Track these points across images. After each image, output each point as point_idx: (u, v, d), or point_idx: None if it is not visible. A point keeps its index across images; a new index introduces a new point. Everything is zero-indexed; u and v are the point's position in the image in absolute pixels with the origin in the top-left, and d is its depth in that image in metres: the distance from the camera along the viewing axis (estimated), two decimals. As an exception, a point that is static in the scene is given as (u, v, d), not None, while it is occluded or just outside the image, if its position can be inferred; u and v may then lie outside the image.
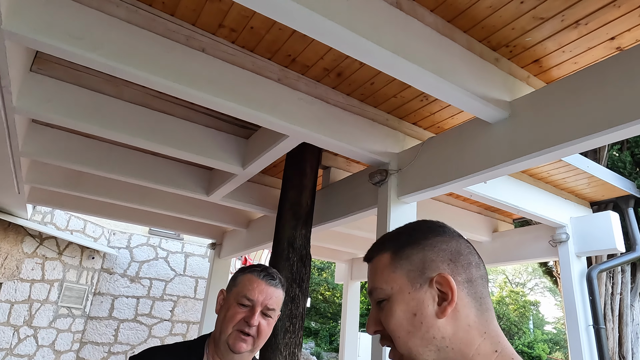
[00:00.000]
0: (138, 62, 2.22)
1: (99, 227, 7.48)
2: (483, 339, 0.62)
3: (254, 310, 1.21)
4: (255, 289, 1.23)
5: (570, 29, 2.18)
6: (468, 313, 0.63)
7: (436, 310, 0.63)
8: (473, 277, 0.66)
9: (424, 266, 0.66)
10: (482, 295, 0.65)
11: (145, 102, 3.19)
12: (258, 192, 4.50)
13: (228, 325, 1.20)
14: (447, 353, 0.62)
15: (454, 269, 0.65)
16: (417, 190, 2.83)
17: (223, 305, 1.28)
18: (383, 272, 0.70)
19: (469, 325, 0.62)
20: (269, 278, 1.28)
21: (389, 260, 0.70)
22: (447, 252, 0.67)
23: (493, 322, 0.64)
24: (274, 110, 2.63)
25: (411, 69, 2.02)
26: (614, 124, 1.94)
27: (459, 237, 0.71)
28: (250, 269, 1.31)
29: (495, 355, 0.61)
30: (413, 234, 0.71)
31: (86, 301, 7.13)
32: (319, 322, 20.52)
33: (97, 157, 3.74)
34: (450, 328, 0.62)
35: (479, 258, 0.69)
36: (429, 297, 0.64)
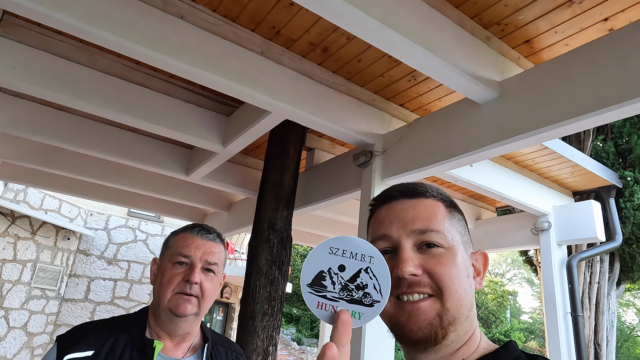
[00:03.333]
0: (110, 25, 2.07)
1: (76, 207, 7.27)
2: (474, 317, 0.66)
3: (193, 267, 1.10)
4: (190, 245, 1.13)
5: (564, 7, 2.11)
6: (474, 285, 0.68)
7: (476, 280, 0.67)
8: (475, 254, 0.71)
9: (468, 237, 0.69)
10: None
11: (122, 74, 3.03)
12: (239, 173, 4.39)
13: (167, 290, 1.08)
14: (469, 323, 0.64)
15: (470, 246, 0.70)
16: (402, 172, 2.76)
17: (158, 272, 1.15)
18: (442, 219, 0.66)
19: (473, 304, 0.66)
20: (204, 232, 1.17)
21: (444, 210, 0.68)
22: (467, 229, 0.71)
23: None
24: (257, 84, 2.52)
25: (400, 42, 1.93)
26: (602, 106, 1.89)
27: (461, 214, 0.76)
28: (182, 229, 1.20)
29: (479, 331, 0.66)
30: (452, 200, 0.72)
31: (61, 283, 6.95)
32: (300, 309, 20.61)
33: (70, 131, 3.57)
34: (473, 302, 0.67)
35: None
36: (470, 266, 0.67)
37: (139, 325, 1.10)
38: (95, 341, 1.02)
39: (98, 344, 1.01)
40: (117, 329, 1.07)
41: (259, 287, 2.95)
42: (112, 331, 1.06)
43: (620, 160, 4.34)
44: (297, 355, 16.26)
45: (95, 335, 1.04)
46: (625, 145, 4.32)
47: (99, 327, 1.08)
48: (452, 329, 0.60)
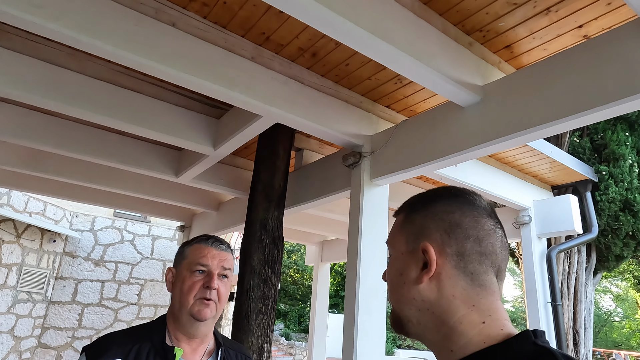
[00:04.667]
0: (103, 34, 2.10)
1: (60, 209, 7.19)
2: (470, 311, 0.64)
3: (211, 275, 1.21)
4: (207, 255, 1.23)
5: (542, 15, 2.23)
6: (453, 285, 0.65)
7: (417, 276, 0.67)
8: (466, 251, 0.66)
9: (420, 232, 0.70)
10: (474, 271, 0.66)
11: (111, 79, 3.04)
12: (229, 174, 4.43)
13: (188, 296, 1.18)
14: (427, 315, 0.66)
15: (445, 240, 0.67)
16: (390, 172, 2.86)
17: (176, 280, 1.24)
18: (394, 230, 0.76)
19: (454, 296, 0.65)
20: (217, 244, 1.27)
21: (401, 221, 0.75)
22: (446, 222, 0.69)
23: (487, 299, 0.65)
24: (248, 89, 2.57)
25: (388, 51, 2.01)
26: (579, 110, 2.01)
27: (469, 209, 0.70)
28: (196, 240, 1.30)
29: (482, 326, 0.63)
30: (426, 200, 0.74)
31: (47, 285, 6.88)
32: (288, 304, 20.72)
33: (59, 135, 3.56)
34: (432, 294, 0.66)
35: (486, 234, 0.68)
36: (414, 262, 0.69)
37: (159, 332, 1.18)
38: (121, 350, 1.09)
39: (124, 352, 1.09)
40: (139, 337, 1.15)
41: (252, 287, 3.02)
42: (136, 339, 1.14)
43: (596, 155, 4.53)
44: (286, 350, 16.37)
45: (120, 343, 1.11)
46: (601, 140, 4.51)
47: (123, 336, 1.15)
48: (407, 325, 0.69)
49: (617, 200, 4.27)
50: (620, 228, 4.31)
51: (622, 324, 19.29)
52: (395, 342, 16.76)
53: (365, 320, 2.72)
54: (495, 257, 0.68)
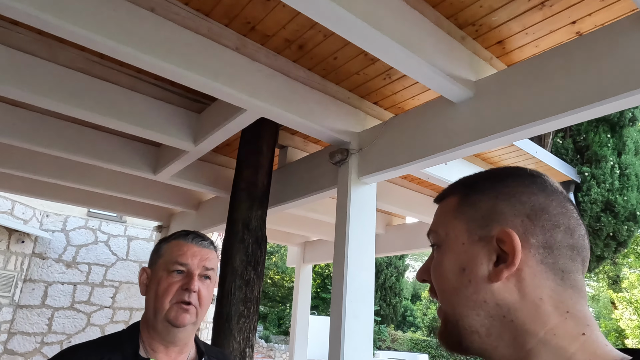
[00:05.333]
0: (75, 16, 1.95)
1: (30, 208, 6.86)
2: (564, 319, 0.50)
3: (191, 275, 1.05)
4: (186, 253, 1.08)
5: (536, 10, 2.18)
6: (540, 284, 0.51)
7: (490, 271, 0.52)
8: (556, 243, 0.51)
9: (491, 217, 0.54)
10: (565, 268, 0.51)
11: (85, 68, 2.86)
12: (210, 172, 4.27)
13: (164, 300, 1.03)
14: (503, 324, 0.51)
15: (528, 228, 0.52)
16: (378, 170, 2.78)
17: (151, 282, 1.09)
18: (445, 215, 0.59)
19: (541, 298, 0.50)
20: (199, 240, 1.12)
21: (455, 204, 0.59)
22: (528, 205, 0.53)
23: (581, 303, 0.51)
24: (231, 81, 2.45)
25: (380, 40, 1.93)
26: (572, 107, 1.97)
27: (553, 192, 0.55)
28: (174, 236, 1.14)
29: (583, 339, 0.48)
30: (491, 178, 0.58)
31: (15, 288, 6.54)
32: (267, 306, 20.50)
33: (27, 128, 3.35)
34: (511, 297, 0.51)
35: (577, 224, 0.54)
36: (485, 254, 0.53)
37: (132, 342, 1.03)
38: None
39: None
40: (108, 348, 1.01)
41: (234, 289, 2.89)
42: (104, 351, 0.99)
43: (579, 156, 4.56)
44: (265, 353, 16.17)
45: (86, 357, 0.97)
46: (583, 142, 4.55)
47: (89, 348, 1.00)
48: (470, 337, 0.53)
49: (599, 201, 4.30)
50: (601, 229, 4.35)
51: (595, 324, 19.77)
52: (375, 344, 16.77)
53: (352, 323, 2.62)
54: (586, 254, 0.54)
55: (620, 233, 4.32)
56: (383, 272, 17.31)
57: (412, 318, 21.50)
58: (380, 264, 17.21)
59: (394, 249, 5.65)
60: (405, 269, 19.26)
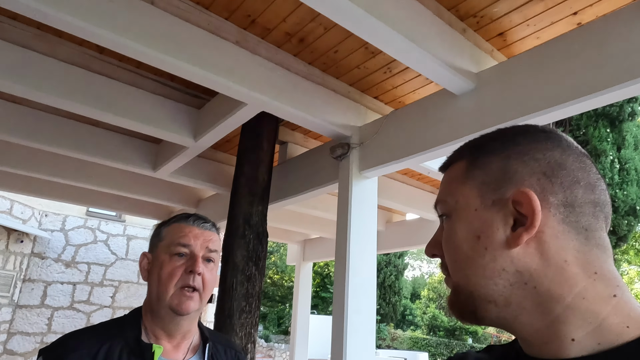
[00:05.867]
0: (74, 8, 1.93)
1: (29, 207, 6.83)
2: (592, 281, 0.46)
3: (195, 257, 1.02)
4: (188, 234, 1.04)
5: (537, 1, 2.17)
6: (563, 245, 0.47)
7: (508, 237, 0.48)
8: (577, 200, 0.48)
9: (504, 178, 0.50)
10: (589, 226, 0.48)
11: (84, 63, 2.85)
12: (210, 169, 4.26)
13: (168, 285, 0.99)
14: (525, 292, 0.47)
15: (546, 186, 0.48)
16: (380, 164, 2.77)
17: (153, 266, 1.05)
18: (452, 182, 0.56)
19: (566, 261, 0.46)
20: (200, 221, 1.08)
21: (463, 169, 0.55)
22: (543, 162, 0.49)
23: (608, 262, 0.47)
24: (232, 74, 2.43)
25: (383, 31, 1.92)
26: (573, 97, 1.96)
27: (569, 147, 0.52)
28: (174, 219, 1.10)
29: (615, 301, 0.46)
30: (500, 138, 0.54)
31: (14, 288, 6.52)
32: (267, 306, 20.49)
33: (25, 125, 3.33)
34: (532, 262, 0.47)
35: (597, 179, 0.50)
36: (501, 218, 0.49)
37: (134, 328, 1.00)
38: (87, 351, 0.91)
39: (91, 354, 0.91)
40: (109, 335, 0.97)
41: (235, 284, 2.87)
42: (105, 337, 0.96)
43: (578, 151, 4.57)
44: (265, 352, 16.16)
45: (85, 345, 0.93)
46: (583, 136, 4.55)
47: (89, 335, 0.97)
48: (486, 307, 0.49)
49: (599, 195, 4.31)
50: (602, 223, 4.35)
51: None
52: (375, 343, 16.80)
53: (354, 319, 2.61)
54: (608, 210, 0.51)
55: (620, 227, 4.33)
56: (382, 271, 17.32)
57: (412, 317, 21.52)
58: (380, 263, 17.22)
59: (394, 245, 5.64)
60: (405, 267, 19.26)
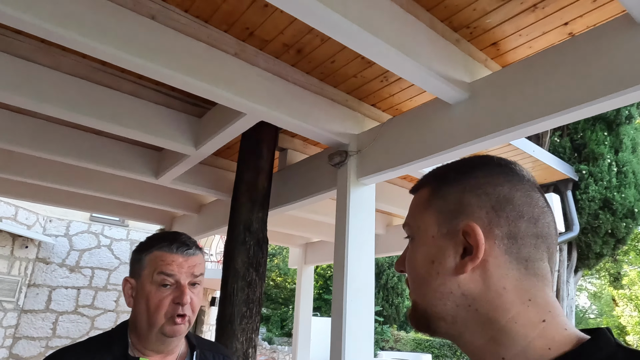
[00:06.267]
0: (78, 26, 1.99)
1: (33, 213, 6.91)
2: (526, 307, 0.52)
3: (181, 287, 1.03)
4: (172, 264, 1.04)
5: (528, 12, 2.22)
6: (504, 274, 0.53)
7: (457, 264, 0.54)
8: (520, 233, 0.54)
9: (458, 210, 0.56)
10: (529, 257, 0.53)
11: (87, 75, 2.91)
12: (211, 175, 4.32)
13: (157, 316, 1.01)
14: (469, 314, 0.53)
15: (493, 220, 0.54)
16: (377, 171, 2.82)
17: (138, 294, 1.06)
18: (417, 207, 0.62)
19: (505, 288, 0.52)
20: (184, 248, 1.07)
21: (426, 196, 0.62)
22: (493, 197, 0.55)
23: (544, 291, 0.53)
24: (231, 86, 2.49)
25: (376, 45, 1.97)
26: (565, 107, 2.01)
27: (519, 181, 0.57)
28: (155, 244, 1.07)
29: (542, 326, 0.51)
30: (461, 170, 0.60)
31: (19, 293, 6.59)
32: (270, 308, 20.53)
33: (30, 134, 3.40)
34: (476, 287, 0.53)
35: (541, 212, 0.55)
36: (452, 247, 0.55)
37: (121, 342, 1.03)
38: None
39: None
40: (96, 349, 1.00)
41: (236, 290, 2.93)
42: (93, 352, 0.99)
43: (576, 154, 4.60)
44: (269, 355, 16.20)
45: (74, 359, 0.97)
46: (580, 140, 4.58)
47: (77, 350, 1.00)
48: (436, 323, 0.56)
49: (596, 198, 4.34)
50: (600, 226, 4.38)
51: (598, 321, 19.80)
52: (379, 344, 16.79)
53: (353, 323, 2.66)
54: (551, 241, 0.56)
55: (618, 230, 4.36)
56: (385, 273, 17.33)
57: (415, 318, 21.45)
58: (382, 265, 17.23)
59: (394, 248, 5.68)
60: (407, 269, 19.21)
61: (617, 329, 12.75)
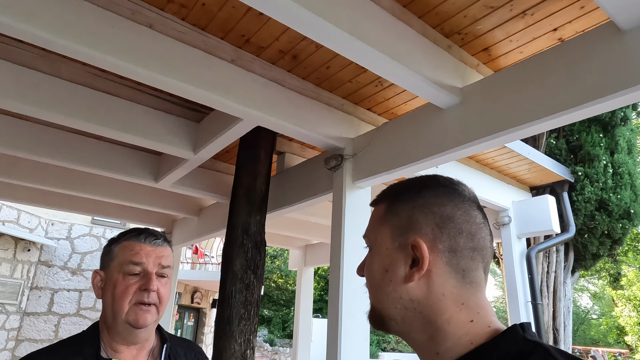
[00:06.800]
0: (77, 35, 2.05)
1: (35, 217, 6.98)
2: (458, 310, 0.61)
3: (148, 275, 1.04)
4: (140, 253, 1.05)
5: (518, 18, 2.27)
6: (444, 282, 0.62)
7: (406, 273, 0.63)
8: (459, 247, 0.63)
9: (408, 226, 0.65)
10: (466, 267, 0.63)
11: (86, 82, 2.97)
12: (210, 178, 4.37)
13: (122, 302, 1.02)
14: (414, 315, 0.63)
15: (437, 235, 0.63)
16: (372, 175, 2.86)
17: (106, 285, 1.06)
18: (375, 222, 0.71)
19: (443, 294, 0.62)
20: (152, 238, 1.08)
21: (383, 211, 0.70)
22: (437, 215, 0.64)
23: (477, 296, 0.62)
24: (228, 92, 2.54)
25: (368, 53, 2.02)
26: (556, 111, 2.04)
27: (461, 201, 0.66)
28: (124, 236, 1.09)
29: (470, 325, 0.60)
30: (412, 189, 0.69)
31: (22, 296, 6.65)
32: (271, 310, 20.57)
33: (32, 140, 3.45)
34: (421, 293, 0.62)
35: (478, 228, 0.65)
36: (403, 258, 0.64)
37: (92, 344, 1.03)
38: None
39: None
40: (68, 351, 1.00)
41: (234, 292, 2.97)
42: (64, 355, 0.99)
43: (572, 156, 4.63)
44: (270, 356, 16.23)
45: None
46: (576, 142, 4.62)
47: (47, 354, 1.00)
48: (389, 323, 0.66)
49: (592, 200, 4.37)
50: (596, 227, 4.42)
51: (599, 322, 19.77)
52: (380, 345, 16.80)
53: (349, 324, 2.70)
54: (486, 252, 0.65)
55: (614, 231, 4.39)
56: (386, 274, 17.32)
57: (417, 319, 21.47)
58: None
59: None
60: (409, 270, 19.22)
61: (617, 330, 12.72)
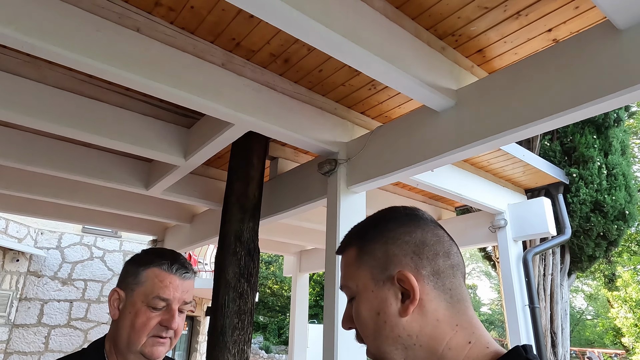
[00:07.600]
0: (62, 40, 1.99)
1: (24, 226, 6.84)
2: (455, 332, 0.59)
3: (171, 312, 1.02)
4: (169, 287, 1.03)
5: (512, 19, 2.24)
6: (436, 307, 0.60)
7: (399, 309, 0.61)
8: (440, 268, 0.62)
9: (387, 262, 0.64)
10: (452, 286, 0.62)
11: (73, 88, 2.90)
12: (202, 185, 4.30)
13: (141, 334, 1.00)
14: (416, 351, 0.60)
15: (417, 263, 0.62)
16: (366, 179, 2.82)
17: (125, 308, 1.03)
18: (350, 268, 0.68)
19: (438, 320, 0.60)
20: (183, 271, 1.07)
21: (355, 255, 0.68)
22: (411, 244, 0.64)
23: (467, 313, 0.61)
24: (218, 97, 2.49)
25: (361, 55, 1.98)
26: (551, 113, 2.02)
27: (425, 224, 0.66)
28: (155, 261, 1.06)
29: (469, 347, 0.58)
30: (378, 225, 0.68)
31: (10, 308, 6.51)
32: (267, 316, 20.41)
33: (19, 148, 3.37)
34: (417, 325, 0.60)
35: (449, 245, 0.65)
36: (392, 295, 0.62)
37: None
38: None
39: None
40: None
41: (227, 301, 2.90)
42: None
43: (566, 158, 4.63)
44: (266, 363, 16.05)
45: None
46: (570, 144, 4.61)
47: None
48: None
49: (587, 201, 4.36)
50: (591, 229, 4.40)
51: (595, 322, 19.83)
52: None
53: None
54: (462, 267, 0.65)
55: (610, 232, 4.38)
56: (381, 278, 17.28)
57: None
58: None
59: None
60: (404, 274, 19.18)
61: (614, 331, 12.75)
